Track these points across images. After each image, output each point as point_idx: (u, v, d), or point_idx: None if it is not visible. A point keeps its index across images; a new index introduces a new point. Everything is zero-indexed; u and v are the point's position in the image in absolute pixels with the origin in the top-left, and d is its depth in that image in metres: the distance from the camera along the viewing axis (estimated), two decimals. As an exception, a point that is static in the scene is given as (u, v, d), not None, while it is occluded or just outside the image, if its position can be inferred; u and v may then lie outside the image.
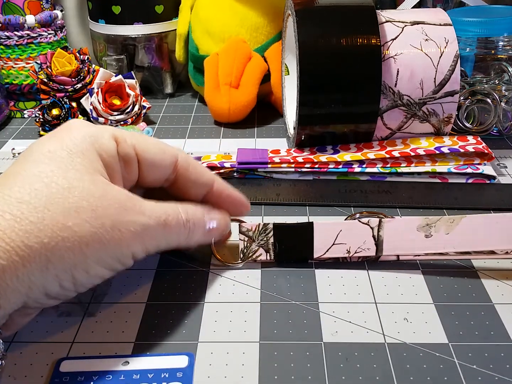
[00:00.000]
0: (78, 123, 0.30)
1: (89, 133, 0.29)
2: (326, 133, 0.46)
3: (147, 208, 0.29)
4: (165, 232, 0.30)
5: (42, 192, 0.26)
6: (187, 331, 0.30)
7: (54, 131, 0.30)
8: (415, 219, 0.33)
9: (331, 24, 0.44)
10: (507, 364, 0.27)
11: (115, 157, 0.29)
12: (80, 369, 0.27)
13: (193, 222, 0.31)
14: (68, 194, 0.26)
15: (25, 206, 0.25)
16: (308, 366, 0.27)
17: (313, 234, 0.34)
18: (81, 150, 0.28)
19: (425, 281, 0.33)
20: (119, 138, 0.30)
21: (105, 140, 0.29)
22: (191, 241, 0.32)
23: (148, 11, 0.60)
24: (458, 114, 0.48)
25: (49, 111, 0.54)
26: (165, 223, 0.29)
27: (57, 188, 0.26)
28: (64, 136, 0.29)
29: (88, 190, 0.27)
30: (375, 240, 0.33)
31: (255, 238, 0.34)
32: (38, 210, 0.25)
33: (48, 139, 0.29)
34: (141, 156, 0.31)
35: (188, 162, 0.32)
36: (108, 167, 0.29)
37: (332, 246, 0.34)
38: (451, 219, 0.33)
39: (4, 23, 0.57)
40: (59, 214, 0.25)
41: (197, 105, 0.63)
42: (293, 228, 0.34)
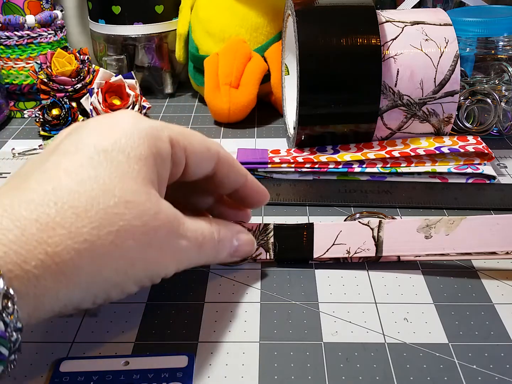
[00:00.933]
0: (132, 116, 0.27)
1: (147, 133, 0.26)
2: (326, 133, 0.46)
3: (188, 229, 0.27)
4: (199, 253, 0.29)
5: (99, 204, 0.23)
6: (187, 331, 0.30)
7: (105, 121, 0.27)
8: (415, 220, 0.33)
9: (331, 24, 0.44)
10: (507, 364, 0.27)
11: (168, 163, 0.27)
12: (80, 369, 0.27)
13: (223, 243, 0.30)
14: (124, 211, 0.24)
15: (80, 219, 0.23)
16: (308, 366, 0.27)
17: (313, 234, 0.34)
18: (139, 154, 0.25)
19: (425, 281, 0.33)
20: (174, 140, 0.27)
21: (163, 144, 0.27)
22: (216, 260, 0.31)
23: (148, 11, 0.60)
24: (458, 114, 0.48)
25: (49, 111, 0.54)
26: (201, 244, 0.28)
27: (115, 201, 0.24)
28: (119, 131, 0.26)
29: (143, 207, 0.25)
30: (375, 241, 0.33)
31: (256, 238, 0.34)
32: (94, 226, 0.23)
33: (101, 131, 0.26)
34: (189, 157, 0.29)
35: (227, 159, 0.31)
36: (159, 172, 0.27)
37: (332, 247, 0.34)
38: (451, 220, 0.33)
39: (4, 23, 0.57)
40: (114, 233, 0.23)
41: (197, 105, 0.63)
42: (293, 228, 0.34)
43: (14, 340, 0.21)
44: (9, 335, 0.21)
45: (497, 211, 0.40)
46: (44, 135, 0.54)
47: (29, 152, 0.51)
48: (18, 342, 0.22)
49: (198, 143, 0.29)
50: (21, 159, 0.50)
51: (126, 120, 0.27)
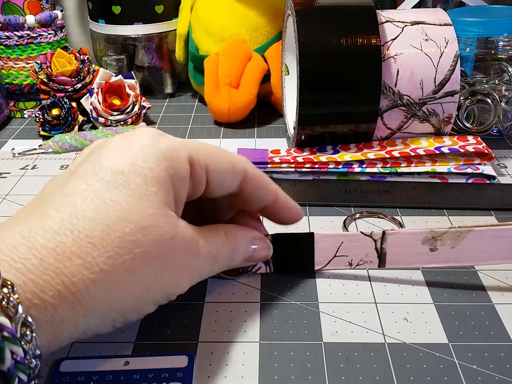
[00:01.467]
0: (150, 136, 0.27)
1: (165, 154, 0.26)
2: (326, 133, 0.46)
3: (203, 246, 0.27)
4: (212, 265, 0.29)
5: (115, 230, 0.23)
6: (187, 331, 0.30)
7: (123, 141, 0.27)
8: (420, 232, 0.32)
9: (331, 24, 0.44)
10: (507, 364, 0.27)
11: (186, 183, 0.27)
12: (80, 369, 0.27)
13: (237, 251, 0.30)
14: (141, 237, 0.24)
15: (96, 249, 0.23)
16: (308, 366, 0.27)
17: (313, 245, 0.33)
18: (156, 177, 0.25)
19: (425, 281, 0.33)
20: (194, 160, 0.27)
21: (181, 165, 0.26)
22: (230, 267, 0.31)
23: (148, 11, 0.60)
24: (458, 114, 0.48)
25: (49, 111, 0.54)
26: (215, 257, 0.28)
27: (131, 227, 0.24)
28: (137, 152, 0.26)
29: (160, 232, 0.24)
30: (378, 253, 0.32)
31: None
32: (110, 256, 0.23)
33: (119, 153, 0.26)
34: (211, 176, 0.28)
35: (255, 176, 0.30)
36: (176, 193, 0.26)
37: (334, 258, 0.33)
38: (457, 232, 0.31)
39: (4, 23, 0.57)
40: (130, 261, 0.23)
41: (197, 105, 0.63)
42: (293, 238, 0.33)
43: (33, 367, 0.21)
44: (28, 362, 0.21)
45: (497, 211, 0.40)
46: (44, 135, 0.54)
47: (29, 152, 0.51)
48: (38, 368, 0.22)
49: (222, 161, 0.28)
50: (21, 159, 0.50)
51: (144, 141, 0.26)
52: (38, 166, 0.49)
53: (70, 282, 0.22)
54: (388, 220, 0.39)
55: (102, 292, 0.23)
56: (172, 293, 0.27)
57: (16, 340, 0.20)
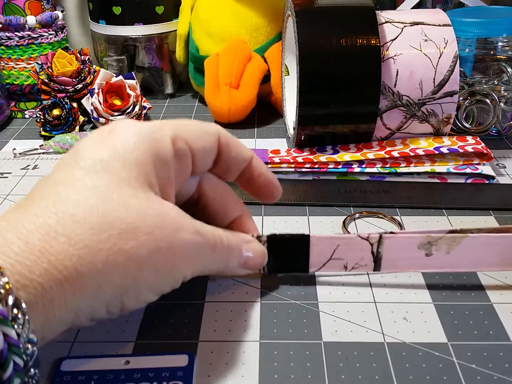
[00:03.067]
0: (129, 124, 0.27)
1: (143, 137, 0.26)
2: (326, 133, 0.46)
3: (200, 226, 0.27)
4: (212, 256, 0.28)
5: (98, 209, 0.23)
6: (187, 331, 0.30)
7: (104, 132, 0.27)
8: (417, 236, 0.32)
9: (331, 24, 0.44)
10: (506, 364, 0.27)
11: (171, 161, 0.27)
12: (81, 368, 0.27)
13: (232, 249, 0.30)
14: (125, 213, 0.24)
15: (80, 226, 0.23)
16: (308, 365, 0.27)
17: (309, 248, 0.32)
18: (136, 159, 0.25)
19: (424, 281, 0.33)
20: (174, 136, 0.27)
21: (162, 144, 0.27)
22: (227, 269, 0.30)
23: (149, 12, 0.60)
24: (457, 114, 0.48)
25: (50, 111, 0.54)
26: (214, 245, 0.28)
27: (113, 205, 0.24)
28: (116, 140, 0.26)
29: (144, 208, 0.25)
30: (374, 257, 0.32)
31: None
32: (94, 232, 0.23)
33: (99, 142, 0.26)
34: (192, 147, 0.28)
35: (228, 137, 0.30)
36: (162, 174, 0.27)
37: (329, 261, 0.33)
38: (452, 238, 0.31)
39: (5, 24, 0.57)
40: (116, 236, 0.23)
41: (197, 106, 0.63)
42: (288, 240, 0.32)
43: (30, 353, 0.21)
44: (23, 347, 0.21)
45: (496, 211, 0.40)
46: (45, 135, 0.54)
47: (30, 152, 0.51)
48: (35, 355, 0.22)
49: (195, 130, 0.29)
50: (22, 159, 0.51)
51: (122, 128, 0.27)
52: (39, 166, 0.49)
53: (56, 260, 0.22)
54: (387, 220, 0.39)
55: (89, 269, 0.23)
56: (171, 277, 0.26)
57: (7, 321, 0.20)
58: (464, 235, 0.31)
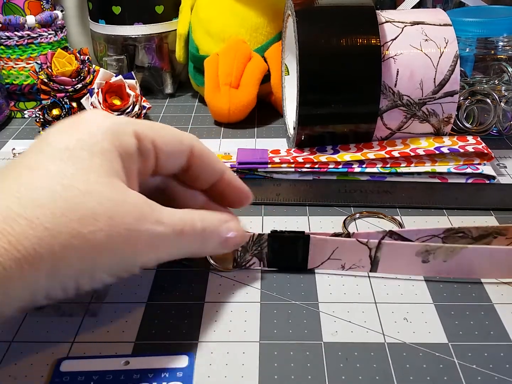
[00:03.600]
0: (97, 115, 0.28)
1: (110, 129, 0.27)
2: (326, 133, 0.46)
3: (164, 216, 0.27)
4: (179, 242, 0.28)
5: (60, 195, 0.24)
6: (187, 331, 0.30)
7: (71, 121, 0.28)
8: (415, 245, 0.32)
9: (331, 24, 0.44)
10: (506, 364, 0.27)
11: (134, 155, 0.28)
12: (80, 369, 0.27)
13: (209, 231, 0.30)
14: (86, 199, 0.24)
15: (41, 210, 0.23)
16: (308, 366, 0.27)
17: (308, 247, 0.33)
18: (101, 149, 0.26)
19: (424, 281, 0.33)
20: (140, 133, 0.28)
21: (126, 137, 0.28)
22: (205, 250, 0.31)
23: (148, 12, 0.60)
24: (457, 114, 0.48)
25: (49, 111, 0.54)
26: (181, 232, 0.28)
27: (75, 191, 0.24)
28: (83, 130, 0.27)
29: (106, 195, 0.25)
30: (371, 260, 0.33)
31: (249, 248, 0.33)
32: (55, 216, 0.24)
33: (66, 131, 0.27)
34: (159, 149, 0.29)
35: (202, 151, 0.31)
36: (126, 165, 0.27)
37: (327, 261, 0.33)
38: (451, 248, 0.32)
39: (5, 23, 0.57)
40: (75, 221, 0.24)
41: (197, 105, 0.63)
42: (288, 239, 0.33)
43: None
44: None
45: (497, 211, 0.40)
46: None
47: (29, 152, 0.51)
48: None
49: (169, 135, 0.30)
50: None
51: (90, 119, 0.28)
52: (39, 166, 0.49)
53: (17, 241, 0.23)
54: (388, 220, 0.39)
55: (48, 250, 0.23)
56: (130, 263, 0.26)
57: None
58: (463, 246, 0.32)
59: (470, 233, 0.34)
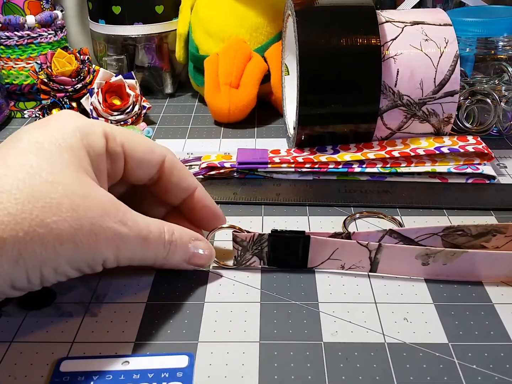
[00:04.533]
0: (69, 115, 0.29)
1: (79, 127, 0.28)
2: (326, 133, 0.46)
3: (130, 219, 0.28)
4: (143, 248, 0.29)
5: (25, 183, 0.25)
6: (187, 331, 0.30)
7: (44, 120, 0.29)
8: (416, 249, 0.32)
9: (331, 24, 0.44)
10: (507, 364, 0.27)
11: (103, 155, 0.29)
12: (80, 369, 0.27)
13: (175, 245, 0.30)
14: (51, 189, 0.25)
15: (5, 196, 0.24)
16: (308, 366, 0.27)
17: (308, 248, 0.33)
18: (70, 145, 0.27)
19: (424, 281, 0.33)
20: (109, 135, 0.29)
21: (95, 137, 0.29)
22: (168, 263, 0.31)
23: (148, 11, 0.60)
24: (458, 114, 0.48)
25: (49, 111, 0.54)
26: (145, 238, 0.29)
27: (40, 181, 0.25)
28: (53, 127, 0.28)
29: (72, 187, 0.26)
30: (371, 261, 0.33)
31: (249, 248, 0.33)
32: (18, 202, 0.24)
33: (38, 128, 0.28)
34: (128, 154, 0.30)
35: (174, 164, 0.32)
36: (95, 164, 0.28)
37: (327, 261, 0.34)
38: (452, 252, 0.32)
39: (4, 23, 0.57)
40: (39, 209, 0.25)
41: (197, 105, 0.63)
42: (288, 239, 0.33)
43: None
44: None
45: (497, 211, 0.40)
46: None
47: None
48: None
49: (140, 143, 0.31)
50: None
51: (61, 118, 0.29)
52: (38, 166, 0.49)
53: None
54: (388, 220, 0.39)
55: (11, 235, 0.24)
56: (92, 259, 0.27)
57: None
58: (464, 250, 0.32)
59: (470, 231, 0.34)
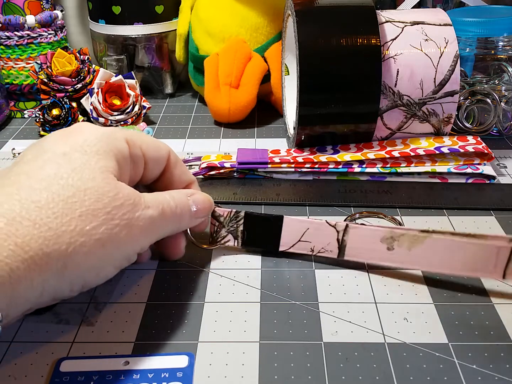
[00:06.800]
0: (88, 124, 0.30)
1: (105, 134, 0.29)
2: (326, 133, 0.46)
3: (148, 200, 0.29)
4: (163, 220, 0.30)
5: (59, 195, 0.25)
6: (187, 331, 0.30)
7: (66, 131, 0.29)
8: (381, 230, 0.33)
9: (331, 24, 0.44)
10: (507, 364, 0.27)
11: (127, 159, 0.30)
12: (80, 369, 0.27)
13: (180, 207, 0.32)
14: (84, 197, 0.26)
15: (43, 211, 0.25)
16: (308, 366, 0.27)
17: (281, 228, 0.34)
18: (96, 150, 0.28)
19: (424, 281, 0.33)
20: (129, 140, 0.30)
21: (119, 142, 0.30)
22: (181, 227, 0.33)
23: (148, 11, 0.60)
24: (458, 114, 0.48)
25: (49, 111, 0.54)
26: (163, 211, 0.30)
27: (73, 191, 0.26)
28: (77, 136, 0.29)
29: (102, 190, 0.27)
30: (339, 244, 0.34)
31: (225, 224, 0.35)
32: (57, 215, 0.25)
33: (61, 138, 0.29)
34: (146, 155, 0.31)
35: (176, 159, 0.34)
36: (120, 168, 0.29)
37: (298, 243, 0.35)
38: (415, 236, 0.32)
39: (4, 23, 0.57)
40: (77, 219, 0.25)
41: (197, 105, 0.63)
42: (262, 218, 0.35)
43: None
44: None
45: (497, 211, 0.40)
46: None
47: (29, 152, 0.51)
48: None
49: (150, 143, 0.32)
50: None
51: (82, 127, 0.30)
52: (38, 166, 0.49)
53: (23, 242, 0.23)
54: (388, 220, 0.39)
55: (55, 249, 0.24)
56: (130, 250, 0.28)
57: None
58: (426, 235, 0.32)
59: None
